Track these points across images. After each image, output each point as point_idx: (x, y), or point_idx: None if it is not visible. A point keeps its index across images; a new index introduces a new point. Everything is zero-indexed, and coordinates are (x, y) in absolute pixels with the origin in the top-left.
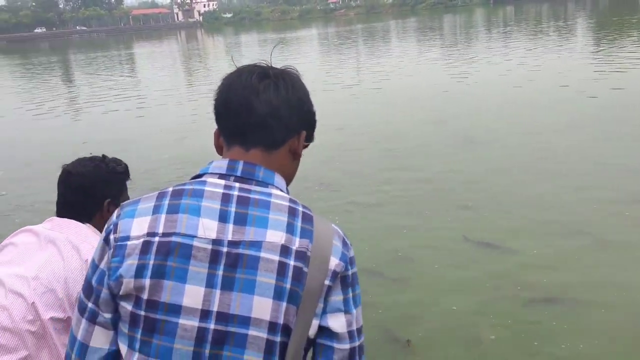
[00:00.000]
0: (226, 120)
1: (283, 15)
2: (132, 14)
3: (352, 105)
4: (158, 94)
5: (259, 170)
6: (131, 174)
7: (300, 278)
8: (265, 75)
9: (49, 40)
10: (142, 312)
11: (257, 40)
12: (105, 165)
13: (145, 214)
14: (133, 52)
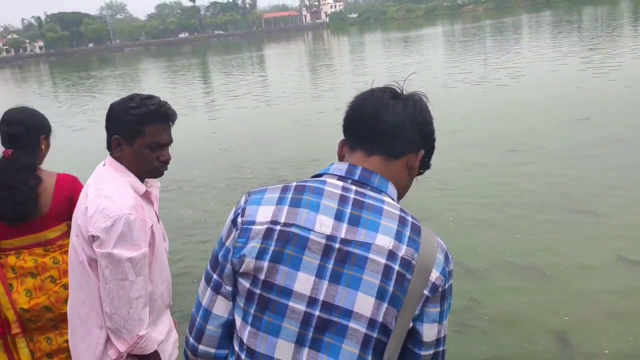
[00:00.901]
0: (355, 127)
1: (408, 14)
2: (264, 18)
3: (477, 103)
4: (284, 92)
5: (374, 177)
6: (257, 166)
7: (403, 283)
8: (395, 95)
9: (190, 44)
10: (258, 290)
11: (380, 39)
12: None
13: (270, 203)
14: (263, 54)
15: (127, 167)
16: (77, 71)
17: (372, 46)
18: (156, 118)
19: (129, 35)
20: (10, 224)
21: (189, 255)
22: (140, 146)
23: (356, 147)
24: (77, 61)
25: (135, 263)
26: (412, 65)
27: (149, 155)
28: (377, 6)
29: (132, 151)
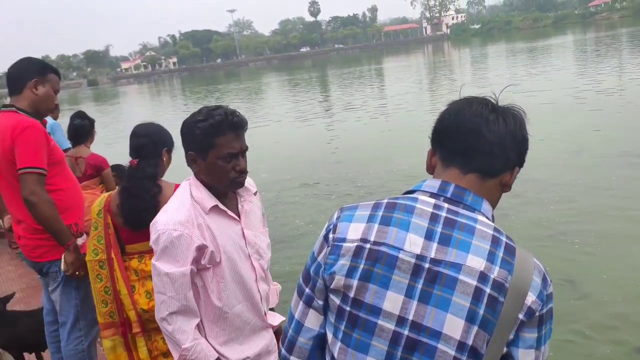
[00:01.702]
0: (451, 140)
1: (535, 23)
2: (384, 31)
3: (609, 117)
4: (402, 104)
5: (468, 195)
6: (369, 177)
7: (495, 307)
8: (494, 108)
9: (311, 58)
10: (348, 307)
11: (504, 50)
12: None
13: (361, 220)
14: (382, 67)
15: (207, 182)
16: (205, 85)
17: (495, 57)
18: (224, 128)
19: (253, 51)
20: (134, 230)
21: (286, 266)
22: (214, 158)
23: (451, 162)
24: (206, 76)
25: (174, 280)
26: (536, 76)
27: (224, 166)
28: (501, 16)
29: (207, 165)
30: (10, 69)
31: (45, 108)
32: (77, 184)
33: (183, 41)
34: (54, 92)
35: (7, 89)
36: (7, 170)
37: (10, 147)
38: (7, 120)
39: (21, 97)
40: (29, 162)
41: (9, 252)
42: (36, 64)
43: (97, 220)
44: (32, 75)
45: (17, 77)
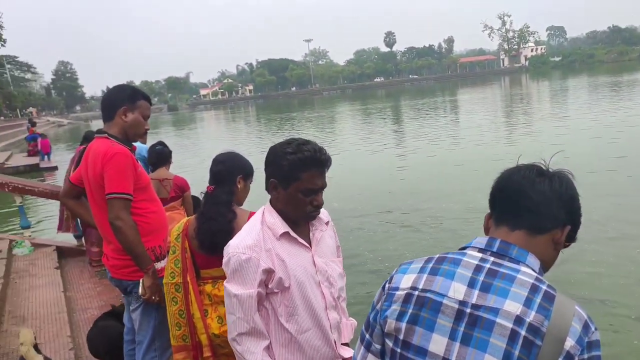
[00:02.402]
0: (500, 202)
1: (620, 57)
2: (459, 62)
3: None
4: (476, 137)
5: (513, 249)
6: (433, 208)
7: (531, 349)
8: (542, 172)
9: (385, 88)
10: (399, 349)
11: (586, 83)
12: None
13: (413, 272)
14: (456, 98)
15: (281, 209)
16: (279, 112)
17: (576, 91)
18: (312, 164)
19: (328, 80)
20: (209, 254)
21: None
22: (295, 191)
23: (501, 222)
24: (281, 103)
25: (242, 301)
26: (620, 110)
27: (302, 199)
28: (583, 48)
29: (287, 195)
30: (104, 97)
31: (134, 133)
32: (161, 207)
33: (260, 69)
34: (144, 117)
35: (102, 115)
36: (98, 194)
37: (101, 173)
38: (99, 146)
39: (112, 123)
40: (116, 187)
41: (89, 270)
42: (126, 91)
43: (175, 244)
44: (122, 103)
45: (109, 105)
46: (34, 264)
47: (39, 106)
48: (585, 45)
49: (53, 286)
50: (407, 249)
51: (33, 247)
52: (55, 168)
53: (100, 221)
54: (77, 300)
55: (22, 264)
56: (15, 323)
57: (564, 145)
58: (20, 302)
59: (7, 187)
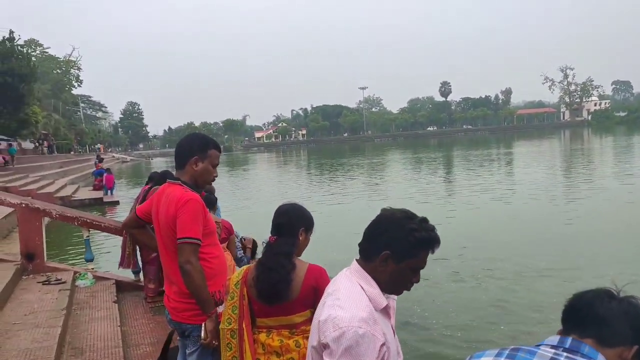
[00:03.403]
0: (570, 317)
1: None
2: (517, 114)
3: None
4: (531, 193)
5: (585, 346)
6: (485, 262)
7: None
8: (612, 295)
9: (437, 138)
10: None
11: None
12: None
13: (489, 355)
14: (512, 151)
15: (379, 280)
16: (330, 158)
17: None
18: (434, 244)
19: (380, 127)
20: (266, 304)
21: None
22: (406, 267)
23: (570, 331)
24: (332, 148)
25: None
26: None
27: (409, 276)
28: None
29: (397, 269)
30: (178, 145)
31: (203, 181)
32: (222, 252)
33: (314, 114)
34: (213, 166)
35: (175, 162)
36: (167, 236)
37: (173, 217)
38: (173, 191)
39: (184, 171)
40: (188, 232)
41: (143, 305)
42: (198, 141)
43: (235, 290)
44: (194, 153)
45: (182, 154)
46: (95, 297)
47: (106, 142)
48: None
49: (110, 320)
50: (453, 304)
51: (95, 280)
52: (117, 202)
53: (166, 262)
54: (131, 335)
55: (83, 296)
56: (74, 354)
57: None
58: (79, 334)
59: (77, 220)
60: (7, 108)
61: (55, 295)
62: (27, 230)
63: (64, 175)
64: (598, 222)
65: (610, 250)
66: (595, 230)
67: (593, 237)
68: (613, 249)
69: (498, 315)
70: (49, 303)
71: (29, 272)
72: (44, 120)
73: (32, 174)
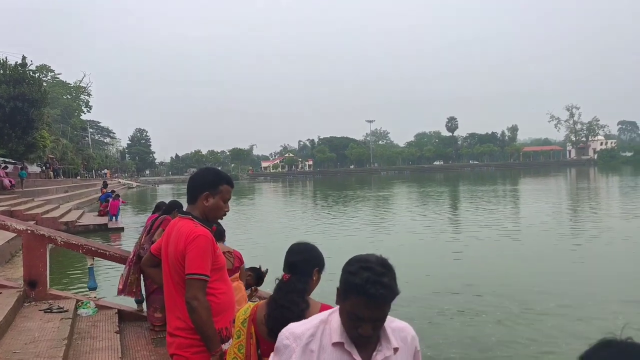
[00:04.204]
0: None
1: None
2: (523, 151)
3: None
4: (532, 230)
5: None
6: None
7: None
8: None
9: (443, 172)
10: None
11: None
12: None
13: None
14: (517, 188)
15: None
16: (336, 189)
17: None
18: (357, 293)
19: (387, 160)
20: None
21: None
22: (343, 309)
23: None
24: (338, 180)
25: None
26: None
27: (349, 321)
28: None
29: (342, 308)
30: (190, 179)
31: (214, 216)
32: (231, 288)
33: (321, 146)
34: (224, 201)
35: (187, 196)
36: (175, 270)
37: (182, 252)
38: (183, 226)
39: (195, 206)
40: (196, 268)
41: (145, 336)
42: (210, 177)
43: (241, 328)
44: (205, 189)
45: (193, 189)
46: (96, 326)
47: (113, 168)
48: None
49: (112, 351)
50: (456, 338)
51: (97, 309)
52: (122, 229)
53: (172, 297)
54: None
55: (85, 325)
56: None
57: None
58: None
59: (82, 248)
60: (16, 132)
61: (56, 324)
62: (31, 257)
63: (69, 200)
64: (606, 261)
65: (616, 289)
66: (603, 269)
67: (601, 277)
68: (619, 289)
69: (500, 350)
70: (50, 332)
71: (31, 300)
72: (52, 144)
73: (37, 198)
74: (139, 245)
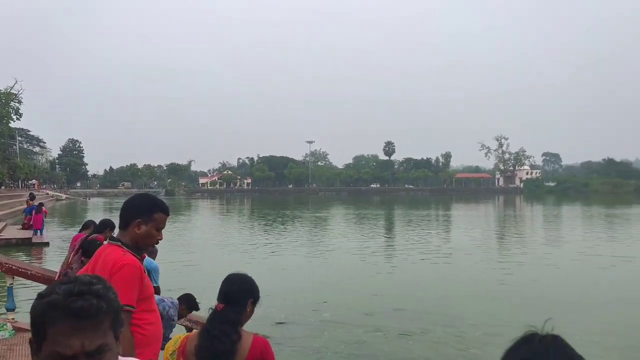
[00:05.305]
0: None
1: (615, 189)
2: (455, 177)
3: None
4: (463, 256)
5: None
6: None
7: None
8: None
9: (380, 195)
10: None
11: (579, 213)
12: None
13: None
14: (450, 213)
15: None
16: (274, 208)
17: (571, 220)
18: (58, 315)
19: (325, 181)
20: None
21: None
22: (46, 356)
23: None
24: (276, 199)
25: None
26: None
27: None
28: (578, 177)
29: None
30: (124, 204)
31: (145, 244)
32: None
33: (260, 164)
34: (157, 230)
35: (119, 221)
36: None
37: (107, 281)
38: (110, 254)
39: (126, 232)
40: (120, 299)
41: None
42: (145, 205)
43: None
44: (138, 215)
45: (126, 215)
46: (12, 350)
47: (41, 178)
48: (579, 174)
49: None
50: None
51: (14, 331)
52: (47, 244)
53: None
54: None
55: (0, 349)
56: None
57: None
58: None
59: (2, 267)
60: None
61: None
62: None
63: None
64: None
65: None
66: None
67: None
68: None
69: None
70: None
71: None
72: None
73: None
74: (66, 264)
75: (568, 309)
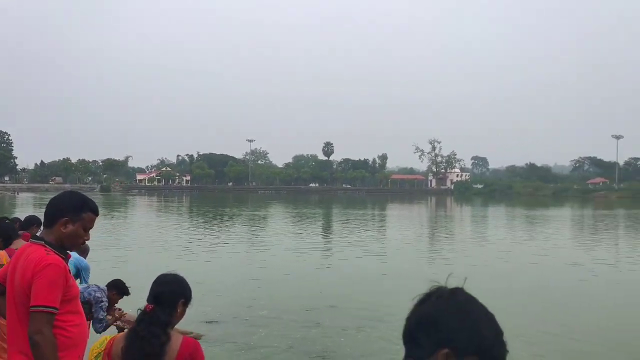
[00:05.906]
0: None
1: (536, 192)
2: (391, 178)
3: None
4: (398, 254)
5: None
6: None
7: None
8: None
9: (318, 194)
10: None
11: (504, 214)
12: None
13: None
14: (385, 213)
15: None
16: (213, 206)
17: (496, 220)
18: None
19: (265, 179)
20: None
21: None
22: None
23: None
24: (216, 197)
25: None
26: (534, 242)
27: None
28: (503, 180)
29: None
30: (50, 201)
31: (70, 244)
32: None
33: (200, 162)
34: (85, 229)
35: (44, 219)
36: (20, 301)
37: (29, 281)
38: (32, 253)
39: (51, 230)
40: (43, 300)
41: None
42: (74, 203)
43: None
44: (65, 214)
45: (52, 213)
46: None
47: None
48: (504, 177)
49: None
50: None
51: None
52: None
53: (15, 330)
54: None
55: None
56: None
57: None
58: None
59: None
60: None
61: None
62: None
63: None
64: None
65: None
66: None
67: None
68: None
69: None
70: None
71: None
72: None
73: None
74: None
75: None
